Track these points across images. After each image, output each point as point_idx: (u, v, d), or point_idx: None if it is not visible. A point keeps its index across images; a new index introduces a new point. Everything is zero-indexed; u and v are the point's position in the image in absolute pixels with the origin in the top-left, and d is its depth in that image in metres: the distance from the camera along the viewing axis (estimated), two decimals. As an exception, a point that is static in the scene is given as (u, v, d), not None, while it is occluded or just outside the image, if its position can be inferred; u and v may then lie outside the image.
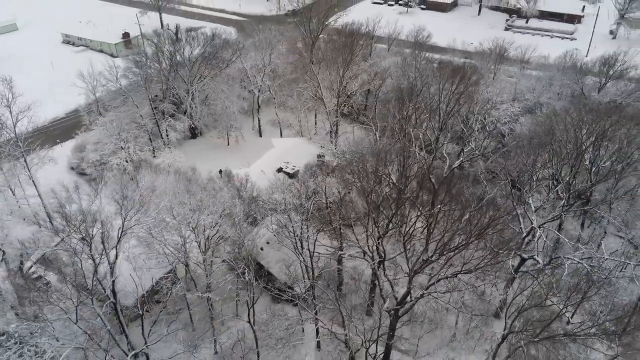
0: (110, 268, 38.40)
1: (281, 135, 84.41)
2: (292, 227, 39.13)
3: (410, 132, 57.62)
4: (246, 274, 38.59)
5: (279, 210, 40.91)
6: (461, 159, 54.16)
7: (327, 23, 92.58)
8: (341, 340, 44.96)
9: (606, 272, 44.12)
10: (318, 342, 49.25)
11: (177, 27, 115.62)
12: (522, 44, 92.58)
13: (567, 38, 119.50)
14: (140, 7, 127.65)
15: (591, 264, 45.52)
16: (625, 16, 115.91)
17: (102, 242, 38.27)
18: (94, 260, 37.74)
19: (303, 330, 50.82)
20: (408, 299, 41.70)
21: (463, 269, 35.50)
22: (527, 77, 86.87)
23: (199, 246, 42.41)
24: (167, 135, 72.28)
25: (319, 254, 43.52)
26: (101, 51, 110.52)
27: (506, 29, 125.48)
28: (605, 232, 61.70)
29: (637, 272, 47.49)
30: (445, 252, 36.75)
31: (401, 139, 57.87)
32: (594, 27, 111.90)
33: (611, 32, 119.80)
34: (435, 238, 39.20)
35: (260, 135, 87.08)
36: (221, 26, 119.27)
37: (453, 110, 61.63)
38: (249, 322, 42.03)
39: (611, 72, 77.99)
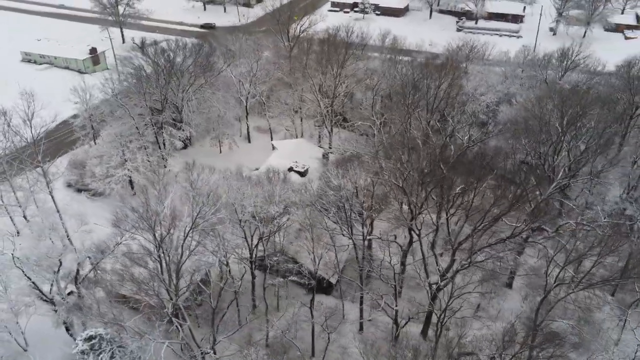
0: (177, 267, 39.15)
1: (272, 139, 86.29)
2: (346, 209, 41.73)
3: (414, 122, 62.12)
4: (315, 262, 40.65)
5: (339, 194, 43.16)
6: (466, 144, 58.85)
7: (304, 30, 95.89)
8: (391, 317, 47.96)
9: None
10: (361, 325, 51.83)
11: (142, 40, 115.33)
12: (485, 42, 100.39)
13: (514, 36, 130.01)
14: (99, 24, 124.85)
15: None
16: (563, 14, 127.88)
17: (160, 241, 39.02)
18: (161, 260, 38.45)
19: (344, 317, 53.25)
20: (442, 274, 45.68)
21: (513, 233, 39.68)
22: (493, 71, 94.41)
23: (251, 240, 43.97)
24: (170, 145, 72.38)
25: (367, 238, 46.26)
26: (67, 68, 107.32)
27: (458, 30, 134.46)
28: (587, 205, 69.10)
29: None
30: (488, 222, 40.97)
31: (408, 129, 61.98)
32: (539, 25, 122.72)
33: (551, 29, 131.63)
34: (475, 211, 43.53)
35: (249, 141, 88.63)
36: (183, 38, 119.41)
37: (448, 101, 66.93)
38: (310, 307, 43.99)
39: (569, 63, 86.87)
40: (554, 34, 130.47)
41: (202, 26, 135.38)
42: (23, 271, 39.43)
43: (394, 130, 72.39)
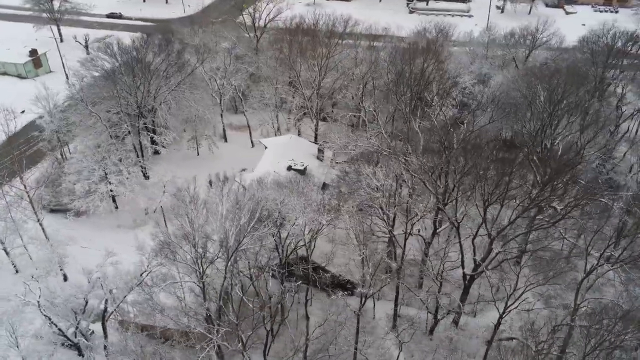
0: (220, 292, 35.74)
1: (251, 137, 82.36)
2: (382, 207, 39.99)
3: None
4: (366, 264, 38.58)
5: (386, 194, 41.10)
6: (471, 128, 58.60)
7: (271, 19, 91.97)
8: (430, 312, 47.19)
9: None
10: (394, 322, 50.67)
11: (86, 38, 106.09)
12: (448, 23, 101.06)
13: (465, 16, 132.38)
14: (31, 22, 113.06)
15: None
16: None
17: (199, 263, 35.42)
18: (204, 287, 34.89)
19: (374, 317, 51.81)
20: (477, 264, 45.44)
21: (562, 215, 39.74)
22: (459, 53, 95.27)
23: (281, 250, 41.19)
24: (153, 151, 66.82)
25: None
26: (4, 74, 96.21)
27: (410, 12, 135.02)
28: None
29: None
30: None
31: (408, 119, 60.84)
32: (490, 3, 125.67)
33: (498, 7, 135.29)
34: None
35: (226, 140, 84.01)
36: (130, 34, 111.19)
37: (440, 86, 66.50)
38: (358, 313, 42.07)
39: (535, 41, 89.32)
40: (502, 12, 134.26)
41: (107, 16, 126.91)
42: (50, 319, 34.27)
43: (383, 120, 70.98)
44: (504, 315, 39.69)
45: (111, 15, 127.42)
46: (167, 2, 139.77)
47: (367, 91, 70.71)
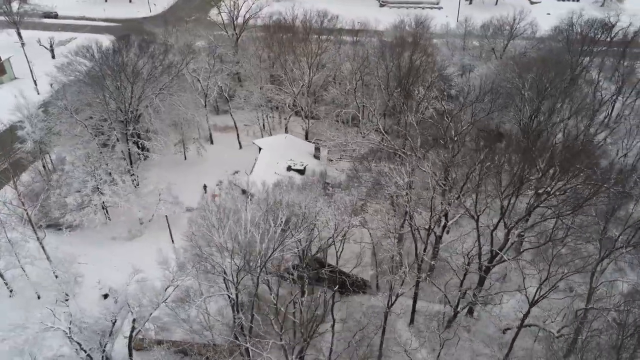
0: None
1: (238, 138, 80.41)
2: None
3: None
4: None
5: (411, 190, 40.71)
6: (471, 120, 59.13)
7: (251, 16, 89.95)
8: (451, 305, 47.37)
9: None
10: (412, 318, 50.61)
11: (51, 41, 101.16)
12: (425, 15, 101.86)
13: (435, 8, 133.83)
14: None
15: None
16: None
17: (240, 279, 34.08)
18: (237, 299, 33.59)
19: (390, 314, 51.53)
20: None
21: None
22: (440, 45, 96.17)
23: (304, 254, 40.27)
24: (144, 158, 64.05)
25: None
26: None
27: (381, 5, 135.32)
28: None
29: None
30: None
31: (404, 114, 60.81)
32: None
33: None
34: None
35: (212, 143, 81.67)
36: (97, 35, 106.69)
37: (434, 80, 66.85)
38: (387, 309, 41.76)
39: (514, 32, 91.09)
40: (470, 3, 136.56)
41: (43, 16, 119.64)
42: (80, 345, 32.00)
43: (378, 115, 70.68)
44: (535, 303, 40.16)
45: (47, 15, 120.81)
46: (130, 1, 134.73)
47: (357, 87, 70.05)
